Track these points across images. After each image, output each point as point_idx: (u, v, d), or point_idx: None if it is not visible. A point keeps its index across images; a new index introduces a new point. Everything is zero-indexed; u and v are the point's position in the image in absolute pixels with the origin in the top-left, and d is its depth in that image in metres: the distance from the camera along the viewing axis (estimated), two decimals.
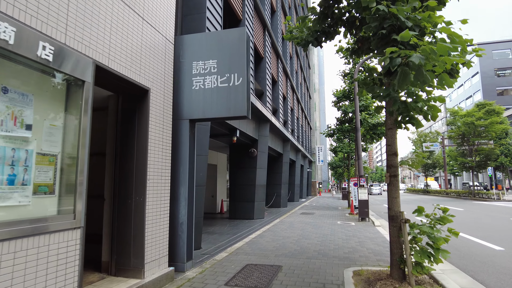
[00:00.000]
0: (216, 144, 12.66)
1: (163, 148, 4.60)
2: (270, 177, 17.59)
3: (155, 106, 4.45)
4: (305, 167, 28.53)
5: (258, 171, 11.95)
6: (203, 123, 6.75)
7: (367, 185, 11.49)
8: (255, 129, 11.70)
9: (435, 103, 4.16)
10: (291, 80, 19.47)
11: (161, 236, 4.45)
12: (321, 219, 12.08)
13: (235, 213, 12.03)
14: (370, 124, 12.76)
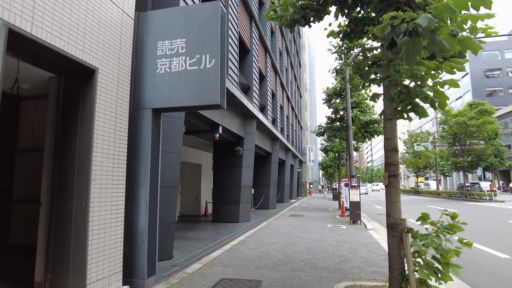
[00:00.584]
0: (199, 142, 11.85)
1: (116, 143, 3.80)
2: (258, 177, 16.84)
3: (105, 91, 3.64)
4: (295, 167, 27.87)
5: (244, 170, 11.19)
6: (176, 116, 5.95)
7: (358, 184, 10.84)
8: (240, 125, 10.94)
9: (442, 88, 3.47)
10: (280, 76, 18.76)
11: (113, 249, 3.65)
12: (311, 221, 11.38)
13: (218, 216, 11.24)
14: (362, 121, 12.11)
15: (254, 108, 11.28)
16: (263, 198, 16.57)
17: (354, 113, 11.95)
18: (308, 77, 57.10)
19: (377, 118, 12.23)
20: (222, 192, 11.24)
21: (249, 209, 11.51)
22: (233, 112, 10.07)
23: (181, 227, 10.14)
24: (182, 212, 13.97)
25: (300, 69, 36.62)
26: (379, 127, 12.28)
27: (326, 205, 19.95)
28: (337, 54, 13.93)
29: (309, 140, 49.27)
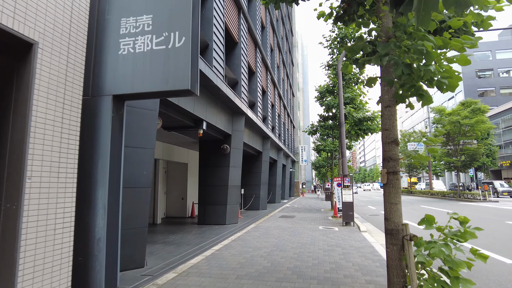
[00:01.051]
0: (185, 139, 11.22)
1: (64, 134, 3.18)
2: (248, 177, 16.26)
3: (48, 71, 3.02)
4: (287, 167, 27.35)
5: (231, 170, 10.59)
6: (149, 107, 5.34)
7: (352, 185, 10.31)
8: (227, 122, 10.34)
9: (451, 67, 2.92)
10: (271, 73, 18.21)
11: (58, 260, 3.03)
12: (301, 223, 10.82)
13: (204, 218, 10.62)
14: (356, 118, 11.62)
15: (243, 104, 10.69)
16: (253, 199, 15.99)
17: (347, 110, 11.46)
18: (301, 77, 56.73)
19: (371, 115, 11.76)
20: (208, 192, 10.63)
21: (237, 211, 10.91)
22: (219, 108, 9.47)
23: (163, 230, 9.51)
24: (168, 213, 13.31)
25: (293, 67, 36.15)
26: (373, 125, 11.82)
27: (319, 206, 19.45)
28: (330, 48, 13.42)
29: (302, 140, 48.85)
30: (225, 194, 10.44)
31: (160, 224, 10.99)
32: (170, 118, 7.54)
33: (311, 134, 17.21)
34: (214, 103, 9.06)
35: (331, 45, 13.38)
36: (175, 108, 7.14)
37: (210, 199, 10.60)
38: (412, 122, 73.49)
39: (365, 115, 11.65)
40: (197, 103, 7.81)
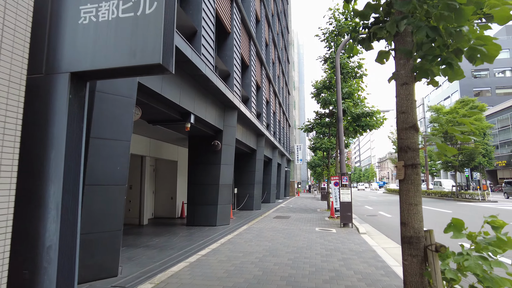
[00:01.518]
0: (174, 135, 10.57)
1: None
2: (242, 176, 15.65)
3: None
4: (282, 166, 26.78)
5: (223, 168, 9.96)
6: (123, 94, 4.69)
7: (350, 183, 9.74)
8: (218, 117, 9.70)
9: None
10: (266, 69, 17.60)
11: None
12: (297, 224, 10.22)
13: (194, 218, 9.97)
14: (354, 114, 11.04)
15: (235, 97, 10.06)
16: (247, 199, 15.37)
17: (345, 105, 10.88)
18: (297, 75, 56.27)
19: (369, 111, 11.18)
20: (198, 192, 9.99)
21: (228, 211, 10.28)
22: (209, 101, 8.83)
23: (149, 232, 8.85)
24: (156, 213, 12.64)
25: (289, 65, 35.60)
26: (372, 121, 11.26)
27: (314, 206, 18.88)
28: (326, 41, 12.84)
29: (297, 139, 48.38)
30: (215, 193, 9.81)
31: (146, 226, 10.32)
32: (153, 110, 6.89)
33: (307, 132, 16.63)
34: (204, 95, 8.42)
35: (328, 38, 12.79)
36: (158, 99, 6.50)
37: (199, 198, 9.95)
38: None
39: (364, 111, 11.08)
40: (184, 94, 7.16)
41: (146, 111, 6.96)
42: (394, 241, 7.80)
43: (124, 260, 5.53)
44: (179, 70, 6.83)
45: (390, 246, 7.17)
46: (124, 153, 4.69)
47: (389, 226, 10.68)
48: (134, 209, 10.67)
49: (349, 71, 11.78)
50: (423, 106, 67.17)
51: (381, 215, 14.54)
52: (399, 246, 7.53)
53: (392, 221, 11.89)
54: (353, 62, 12.30)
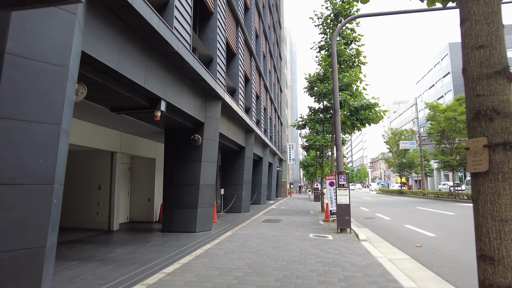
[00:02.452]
0: (150, 129, 9.29)
1: None
2: (229, 175, 14.43)
3: None
4: (274, 166, 25.61)
5: (204, 166, 8.72)
6: (49, 61, 3.42)
7: (348, 184, 8.61)
8: (199, 107, 8.47)
9: None
10: (256, 60, 16.40)
11: None
12: (288, 230, 9.04)
13: (170, 224, 8.71)
14: (352, 107, 9.85)
15: (218, 85, 8.84)
16: (235, 200, 14.14)
17: (343, 97, 9.71)
18: (290, 74, 55.23)
19: (369, 103, 10.01)
20: (175, 193, 8.73)
21: (210, 215, 9.04)
22: (186, 87, 7.59)
23: (116, 240, 7.56)
24: (132, 217, 11.33)
25: (281, 61, 34.47)
26: (372, 114, 10.12)
27: (307, 207, 17.74)
28: (321, 27, 11.68)
29: (290, 138, 47.32)
30: (195, 195, 8.56)
31: (116, 232, 9.03)
32: (113, 93, 5.63)
33: (299, 128, 15.47)
34: (179, 80, 7.18)
35: (323, 24, 11.64)
36: (117, 78, 5.24)
37: (177, 201, 8.69)
38: (400, 122, 72.99)
39: (363, 103, 9.93)
40: (152, 74, 5.91)
41: (102, 94, 5.70)
42: (401, 251, 6.67)
43: (64, 282, 4.26)
44: (142, 44, 5.58)
45: (398, 258, 6.03)
46: (50, 141, 3.42)
47: (390, 230, 9.57)
48: (103, 213, 9.36)
49: (347, 59, 10.64)
50: (416, 106, 66.83)
51: (379, 217, 13.46)
52: (408, 258, 6.34)
53: (392, 225, 10.80)
54: (350, 49, 11.15)
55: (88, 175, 9.53)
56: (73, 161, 9.57)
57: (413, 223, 11.01)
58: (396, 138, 35.12)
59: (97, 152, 9.36)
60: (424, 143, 31.15)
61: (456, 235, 8.45)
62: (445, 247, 6.96)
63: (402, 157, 34.72)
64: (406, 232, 9.24)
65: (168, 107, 6.97)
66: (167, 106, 6.88)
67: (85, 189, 9.48)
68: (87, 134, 8.13)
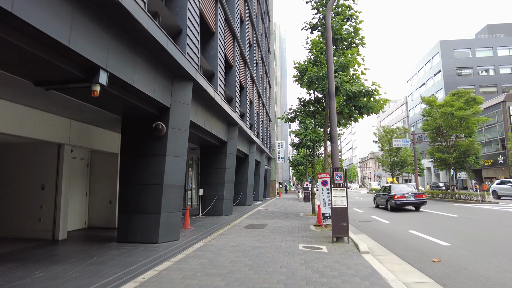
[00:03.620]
0: (101, 114, 7.58)
1: None
2: (210, 173, 12.80)
3: None
4: (262, 164, 24.05)
5: (170, 160, 7.09)
6: None
7: (345, 182, 7.06)
8: (162, 88, 6.82)
9: None
10: (241, 46, 14.79)
11: None
12: (273, 239, 7.47)
13: (127, 232, 7.05)
14: (349, 92, 8.28)
15: (188, 63, 7.21)
16: (215, 202, 12.51)
17: (339, 80, 8.16)
18: (279, 70, 53.80)
19: (369, 88, 8.48)
20: (133, 194, 7.07)
21: (177, 222, 7.40)
22: (140, 57, 5.94)
23: (51, 254, 5.86)
24: (90, 222, 9.60)
25: (269, 55, 32.94)
26: (371, 102, 8.58)
27: (297, 209, 16.23)
28: (313, 2, 10.12)
29: (279, 136, 45.88)
30: (158, 197, 6.92)
31: (62, 242, 7.30)
32: (26, 56, 3.97)
33: (288, 122, 13.94)
34: (129, 47, 5.52)
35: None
36: (25, 32, 3.58)
37: (135, 204, 7.04)
38: (390, 121, 72.25)
39: (361, 88, 8.39)
40: (82, 32, 4.25)
41: (11, 59, 4.02)
42: (416, 269, 5.17)
43: None
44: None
45: (416, 281, 4.52)
46: None
47: (394, 238, 8.11)
48: (47, 218, 7.61)
49: (344, 37, 9.11)
50: (406, 105, 66.21)
51: (376, 220, 12.02)
52: (431, 282, 4.31)
53: (393, 230, 9.35)
54: (347, 28, 9.61)
55: (27, 172, 7.76)
56: (4, 155, 7.81)
57: (417, 228, 9.58)
58: (388, 136, 33.99)
59: (38, 144, 7.61)
60: (417, 140, 30.05)
61: (475, 244, 7.01)
62: (470, 262, 5.50)
63: (394, 155, 33.62)
64: (413, 240, 7.78)
65: (115, 82, 5.32)
66: (113, 81, 5.23)
67: (23, 189, 7.71)
68: (21, 120, 6.40)
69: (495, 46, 51.32)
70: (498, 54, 50.78)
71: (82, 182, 9.42)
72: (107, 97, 5.78)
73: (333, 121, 7.32)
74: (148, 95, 6.22)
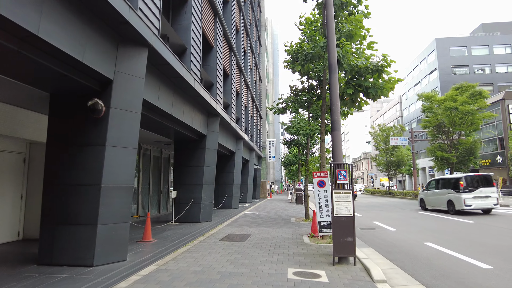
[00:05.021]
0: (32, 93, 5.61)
1: None
2: (185, 173, 10.91)
3: None
4: (251, 163, 22.17)
5: (112, 152, 5.18)
6: None
7: (350, 183, 5.16)
8: (99, 52, 4.91)
9: None
10: (224, 26, 12.89)
11: None
12: (255, 259, 5.59)
13: (52, 251, 5.10)
14: (355, 67, 6.44)
15: (137, 18, 5.30)
16: (191, 205, 10.59)
17: (342, 50, 6.28)
18: (271, 67, 52.04)
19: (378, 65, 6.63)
20: (61, 199, 5.13)
21: (123, 236, 5.47)
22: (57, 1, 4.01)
23: None
24: (26, 233, 7.60)
25: (260, 48, 31.11)
26: (379, 83, 6.72)
27: (288, 213, 14.40)
28: None
29: (271, 134, 44.11)
30: (94, 202, 5.00)
31: None
32: None
33: (279, 113, 12.12)
34: None
35: None
36: None
37: (64, 213, 5.10)
38: (384, 121, 70.95)
39: (369, 63, 6.54)
40: None
41: None
42: None
43: None
44: None
45: None
46: None
47: (409, 253, 6.31)
48: None
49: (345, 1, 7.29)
50: (400, 104, 65.04)
51: (380, 227, 10.25)
52: None
53: (404, 241, 7.56)
54: None
55: None
56: None
57: (433, 239, 7.82)
58: (384, 134, 32.44)
59: None
60: (416, 139, 28.52)
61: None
62: None
63: (390, 155, 32.06)
64: (438, 258, 5.98)
65: (7, 29, 3.39)
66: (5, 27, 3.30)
67: None
68: None
69: (491, 45, 50.40)
70: (494, 53, 49.87)
71: (15, 182, 7.42)
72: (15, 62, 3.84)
73: (335, 101, 5.47)
74: (74, 58, 4.30)
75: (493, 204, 12.45)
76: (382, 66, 6.73)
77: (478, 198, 12.39)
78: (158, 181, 13.65)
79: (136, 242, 7.13)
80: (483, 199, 12.39)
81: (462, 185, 12.70)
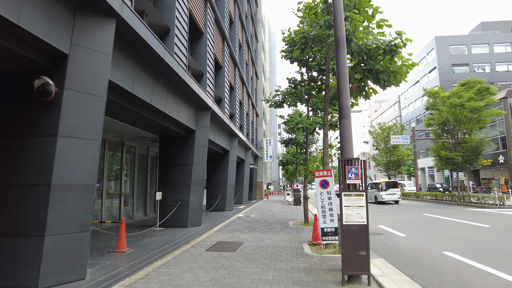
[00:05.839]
0: None
1: None
2: (171, 172, 9.86)
3: None
4: (246, 163, 21.14)
5: (64, 145, 4.13)
6: None
7: (363, 182, 4.11)
8: (49, 18, 3.86)
9: None
10: (216, 12, 11.85)
11: None
12: (244, 279, 4.56)
13: None
14: (364, 47, 5.40)
15: None
16: (178, 208, 9.54)
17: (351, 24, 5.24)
18: (268, 65, 51.05)
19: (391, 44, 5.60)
20: (3, 204, 4.07)
21: (83, 249, 4.41)
22: None
23: None
24: None
25: (257, 44, 30.10)
26: (393, 65, 5.71)
27: (285, 215, 13.38)
28: None
29: (268, 133, 43.11)
30: (41, 207, 3.95)
31: None
32: None
33: (275, 106, 11.09)
34: None
35: None
36: None
37: (3, 221, 4.04)
38: (382, 120, 70.23)
39: (381, 41, 5.52)
40: None
41: None
42: None
43: None
44: None
45: None
46: None
47: (432, 267, 5.29)
48: None
49: None
50: (399, 103, 64.29)
51: (387, 232, 9.25)
52: None
53: (420, 250, 6.55)
54: None
55: None
56: None
57: (452, 247, 6.83)
58: (384, 133, 31.52)
59: None
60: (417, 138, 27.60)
61: None
62: None
63: (390, 154, 31.14)
64: (469, 274, 4.95)
65: None
66: None
67: None
68: None
69: (491, 43, 49.75)
70: (494, 51, 49.22)
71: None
72: None
73: (343, 83, 4.45)
74: (2, 17, 3.25)
75: (397, 197, 20.74)
76: (396, 46, 5.70)
77: (389, 195, 20.68)
78: (144, 181, 12.57)
79: (107, 252, 6.08)
80: (391, 195, 20.73)
81: (381, 187, 21.12)
